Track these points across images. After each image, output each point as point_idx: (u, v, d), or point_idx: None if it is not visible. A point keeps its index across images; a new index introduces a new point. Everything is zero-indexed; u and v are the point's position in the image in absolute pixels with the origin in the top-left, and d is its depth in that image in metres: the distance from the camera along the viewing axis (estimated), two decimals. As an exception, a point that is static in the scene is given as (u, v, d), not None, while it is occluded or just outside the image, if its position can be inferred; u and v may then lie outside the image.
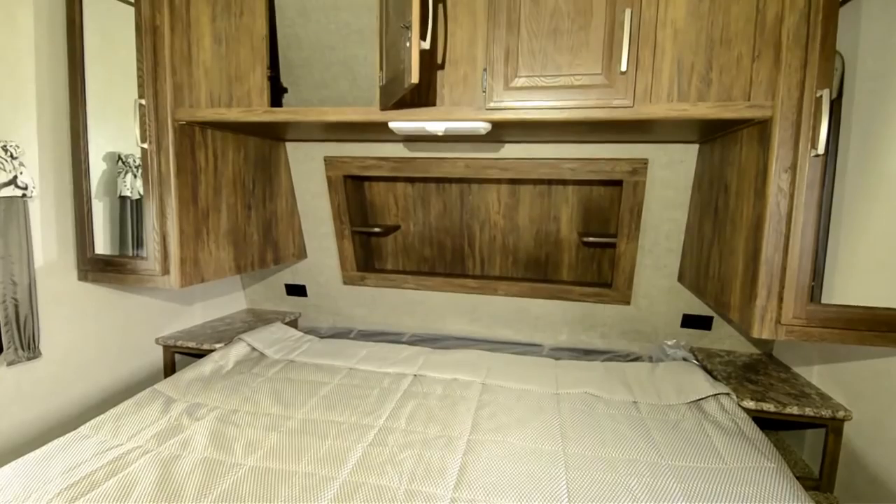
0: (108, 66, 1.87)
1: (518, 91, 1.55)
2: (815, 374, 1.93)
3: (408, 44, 1.22)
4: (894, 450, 1.50)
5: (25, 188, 1.68)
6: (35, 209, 1.77)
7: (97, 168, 1.91)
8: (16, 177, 1.65)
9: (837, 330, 1.44)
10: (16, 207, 1.67)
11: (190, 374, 1.93)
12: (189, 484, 1.26)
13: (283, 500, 1.21)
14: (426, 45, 1.27)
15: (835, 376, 1.81)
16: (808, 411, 1.70)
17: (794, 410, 1.72)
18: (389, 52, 1.44)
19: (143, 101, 1.75)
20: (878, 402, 1.58)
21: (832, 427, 1.72)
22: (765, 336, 1.48)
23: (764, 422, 1.72)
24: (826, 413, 1.69)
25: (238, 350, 2.19)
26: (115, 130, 1.91)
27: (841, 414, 1.68)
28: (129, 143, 1.82)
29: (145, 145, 1.78)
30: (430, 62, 1.60)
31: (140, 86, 1.75)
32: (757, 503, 1.22)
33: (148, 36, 1.71)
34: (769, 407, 1.74)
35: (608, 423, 1.63)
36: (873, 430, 1.60)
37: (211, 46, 1.78)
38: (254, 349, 2.24)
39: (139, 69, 1.74)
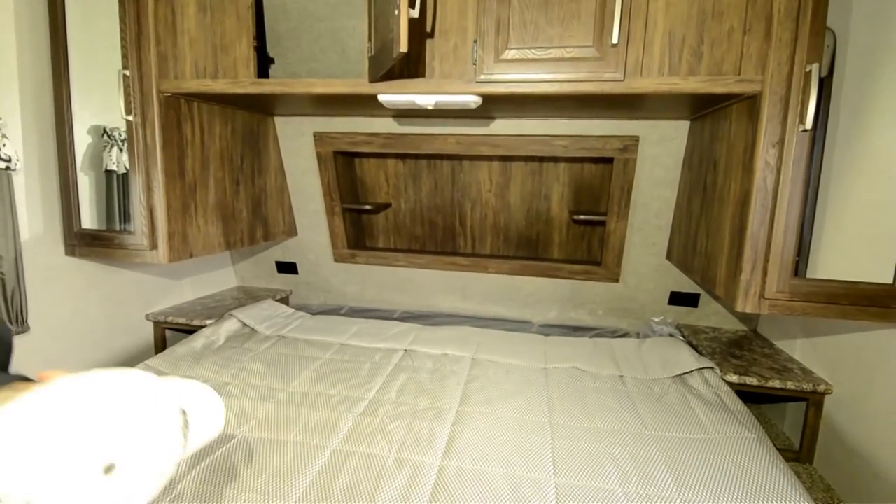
0: (91, 36, 1.83)
1: (509, 63, 1.53)
2: (798, 349, 1.97)
3: (396, 11, 1.20)
4: (872, 423, 1.54)
5: (9, 160, 1.66)
6: (19, 182, 1.75)
7: (82, 141, 1.88)
8: (-2, 148, 1.62)
9: (820, 304, 1.47)
10: (0, 180, 1.65)
11: (181, 349, 1.93)
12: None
13: (275, 468, 1.23)
14: (415, 13, 1.25)
15: (816, 351, 1.85)
16: (790, 385, 1.75)
17: (776, 384, 1.76)
18: (378, 20, 1.42)
19: (127, 72, 1.72)
20: (857, 376, 1.62)
21: (813, 400, 1.76)
22: (748, 310, 1.51)
23: (747, 395, 1.76)
24: (807, 387, 1.73)
25: (229, 326, 2.20)
26: (100, 103, 1.88)
27: (821, 388, 1.73)
28: (115, 116, 1.79)
29: (130, 118, 1.75)
30: (420, 31, 1.58)
31: (124, 56, 1.71)
32: (737, 471, 1.25)
33: (131, 4, 1.67)
34: (752, 381, 1.78)
35: (594, 396, 1.66)
36: (852, 404, 1.64)
37: (196, 15, 1.73)
38: (245, 325, 2.24)
39: (122, 38, 1.70)
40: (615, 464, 1.28)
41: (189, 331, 2.31)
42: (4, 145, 1.65)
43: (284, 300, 2.84)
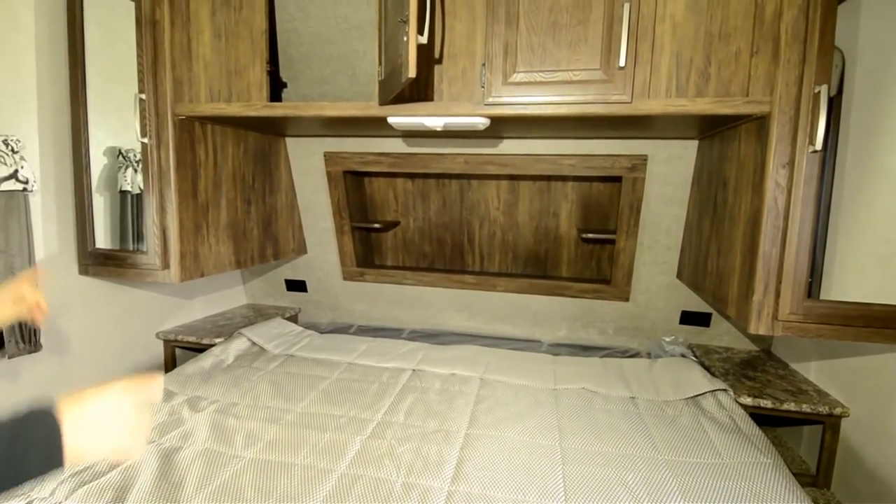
0: (108, 60, 1.88)
1: (516, 86, 1.55)
2: (813, 371, 1.93)
3: (405, 38, 1.23)
4: (891, 446, 1.50)
5: (26, 182, 1.69)
6: (36, 203, 1.78)
7: (98, 163, 1.91)
8: (17, 171, 1.66)
9: (834, 326, 1.44)
10: (17, 201, 1.68)
11: (190, 368, 1.94)
12: (189, 475, 1.27)
13: (282, 492, 1.22)
14: (424, 39, 1.28)
15: (832, 373, 1.82)
16: (805, 408, 1.71)
17: (792, 407, 1.72)
18: (388, 46, 1.45)
19: (143, 96, 1.76)
20: (875, 399, 1.59)
21: (829, 423, 1.72)
22: (761, 332, 1.49)
23: (761, 418, 1.73)
24: (823, 410, 1.70)
25: (238, 345, 2.21)
26: (116, 125, 1.92)
27: (838, 410, 1.69)
28: (130, 137, 1.83)
29: (145, 140, 1.79)
30: (428, 57, 1.60)
31: (140, 80, 1.75)
32: (752, 498, 1.23)
33: (148, 30, 1.72)
34: (766, 403, 1.75)
35: (605, 419, 1.64)
36: (870, 427, 1.60)
37: (210, 41, 1.78)
38: (254, 344, 2.25)
39: (139, 63, 1.74)
40: (627, 490, 1.26)
41: (199, 349, 2.32)
42: (22, 167, 1.68)
43: (293, 318, 2.84)
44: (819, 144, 1.35)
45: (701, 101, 1.46)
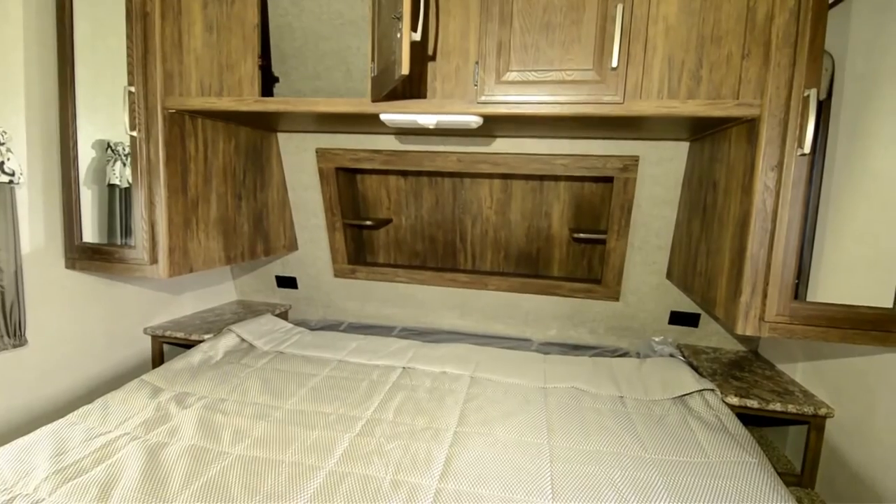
0: (98, 52, 1.85)
1: (509, 85, 1.55)
2: (799, 372, 1.95)
3: (399, 35, 1.22)
4: (875, 447, 1.52)
5: (13, 174, 1.67)
6: (22, 196, 1.76)
7: (86, 156, 1.89)
8: (2, 163, 1.63)
9: (820, 328, 1.46)
10: (2, 194, 1.66)
11: (178, 364, 1.92)
12: (176, 471, 1.26)
13: (270, 489, 1.21)
14: (417, 36, 1.27)
15: (818, 374, 1.84)
16: (791, 408, 1.73)
17: (777, 407, 1.74)
18: (381, 43, 1.44)
19: (133, 89, 1.74)
20: (859, 400, 1.61)
21: (814, 424, 1.74)
22: (748, 332, 1.50)
23: (748, 418, 1.74)
24: (808, 410, 1.72)
25: (227, 341, 2.19)
26: (105, 118, 1.90)
27: (823, 411, 1.71)
28: (119, 130, 1.81)
29: (134, 133, 1.77)
30: (422, 54, 1.60)
31: (130, 73, 1.73)
32: (738, 497, 1.24)
33: (138, 22, 1.70)
34: (753, 403, 1.76)
35: (594, 417, 1.65)
36: (855, 428, 1.62)
37: (202, 34, 1.76)
38: (243, 340, 2.23)
39: (129, 56, 1.73)
40: (614, 488, 1.26)
41: (187, 345, 2.30)
42: (9, 159, 1.66)
43: (284, 315, 2.83)
44: (808, 147, 1.36)
45: (692, 102, 1.47)
